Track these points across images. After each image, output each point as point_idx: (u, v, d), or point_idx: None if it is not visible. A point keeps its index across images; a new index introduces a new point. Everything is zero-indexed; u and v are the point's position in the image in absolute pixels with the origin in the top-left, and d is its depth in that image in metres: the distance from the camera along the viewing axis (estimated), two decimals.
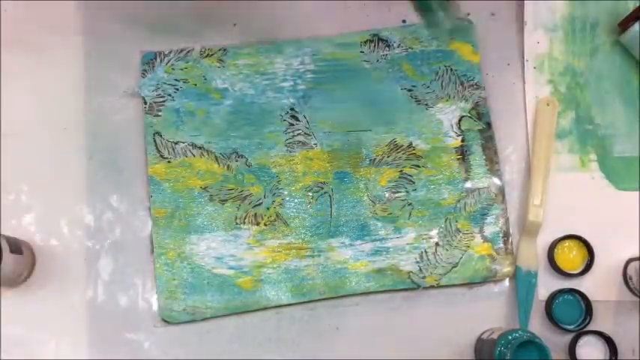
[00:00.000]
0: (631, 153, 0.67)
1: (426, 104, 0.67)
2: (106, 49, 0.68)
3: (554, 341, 0.63)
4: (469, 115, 0.67)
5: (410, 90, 0.68)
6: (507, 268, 0.64)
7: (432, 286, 0.64)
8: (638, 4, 0.66)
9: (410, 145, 0.66)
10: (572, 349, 0.62)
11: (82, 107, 0.67)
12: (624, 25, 0.67)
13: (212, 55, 0.68)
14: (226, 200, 0.65)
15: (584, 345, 0.63)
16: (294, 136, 0.66)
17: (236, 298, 0.63)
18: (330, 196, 0.65)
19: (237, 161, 0.66)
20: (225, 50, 0.68)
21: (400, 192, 0.65)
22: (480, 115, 0.67)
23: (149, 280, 0.64)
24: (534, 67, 0.69)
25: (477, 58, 0.68)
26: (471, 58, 0.68)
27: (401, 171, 0.66)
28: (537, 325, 0.64)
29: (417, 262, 0.64)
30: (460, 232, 0.65)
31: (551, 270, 0.64)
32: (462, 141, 0.67)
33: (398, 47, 0.68)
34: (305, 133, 0.66)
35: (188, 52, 0.68)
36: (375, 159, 0.66)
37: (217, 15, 0.69)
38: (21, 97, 0.67)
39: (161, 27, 0.69)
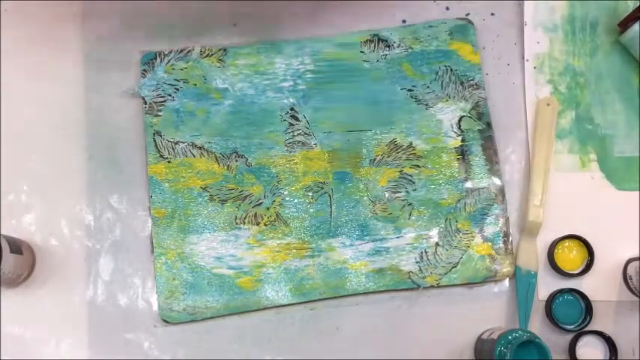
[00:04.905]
0: (631, 153, 0.67)
1: (426, 104, 0.67)
2: (106, 49, 0.68)
3: (554, 341, 0.63)
4: (469, 115, 0.67)
5: (410, 90, 0.68)
6: (507, 268, 0.64)
7: (432, 286, 0.64)
8: (638, 4, 0.66)
9: (410, 145, 0.66)
10: (572, 349, 0.62)
11: (82, 107, 0.67)
12: (624, 25, 0.67)
13: (212, 55, 0.68)
14: (226, 200, 0.65)
15: (584, 345, 0.63)
16: (294, 136, 0.66)
17: (236, 298, 0.63)
18: (330, 196, 0.65)
19: (237, 161, 0.66)
20: (225, 50, 0.68)
21: (400, 192, 0.65)
22: (480, 115, 0.67)
23: (149, 280, 0.64)
24: (534, 67, 0.69)
25: (477, 58, 0.68)
26: (471, 58, 0.68)
27: (401, 171, 0.66)
28: (537, 325, 0.64)
29: (417, 262, 0.64)
30: (460, 232, 0.65)
31: (551, 270, 0.64)
32: (462, 141, 0.67)
33: (398, 47, 0.68)
34: (305, 133, 0.66)
35: (188, 52, 0.68)
36: (375, 159, 0.66)
37: (217, 15, 0.69)
38: (21, 97, 0.67)
39: (161, 27, 0.69)
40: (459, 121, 0.67)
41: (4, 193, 0.65)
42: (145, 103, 0.67)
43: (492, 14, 0.70)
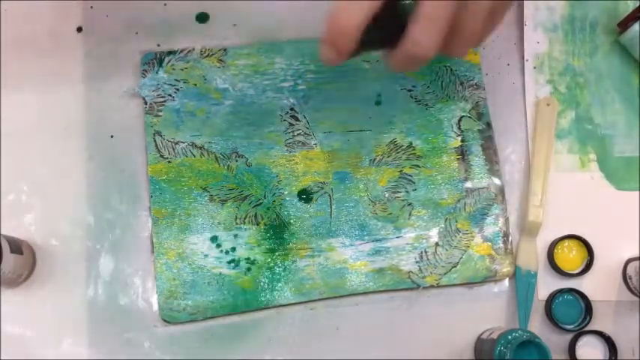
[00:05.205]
0: (631, 153, 0.67)
1: (426, 104, 0.67)
2: (106, 49, 0.68)
3: (554, 341, 0.63)
4: (469, 115, 0.67)
5: (410, 90, 0.68)
6: (507, 268, 0.64)
7: (432, 286, 0.64)
8: (638, 4, 0.66)
9: (410, 145, 0.66)
10: (572, 349, 0.63)
11: (82, 107, 0.67)
12: (624, 25, 0.67)
13: (212, 55, 0.68)
14: (226, 200, 0.65)
15: (584, 345, 0.63)
16: (294, 136, 0.66)
17: (236, 297, 0.63)
18: (330, 196, 0.65)
19: (237, 161, 0.66)
20: (225, 50, 0.68)
21: (400, 192, 0.66)
22: (480, 115, 0.67)
23: (149, 280, 0.64)
24: (534, 67, 0.69)
25: (477, 58, 0.68)
26: (471, 58, 0.68)
27: (401, 171, 0.66)
28: (537, 325, 0.64)
29: (417, 262, 0.64)
30: (460, 232, 0.65)
31: (551, 270, 0.64)
32: (462, 141, 0.67)
33: None
34: (305, 133, 0.66)
35: (188, 52, 0.68)
36: (375, 159, 0.66)
37: (217, 15, 0.69)
38: (21, 97, 0.67)
39: (161, 27, 0.69)
40: (459, 121, 0.67)
41: (4, 193, 0.65)
42: (145, 103, 0.67)
43: None
